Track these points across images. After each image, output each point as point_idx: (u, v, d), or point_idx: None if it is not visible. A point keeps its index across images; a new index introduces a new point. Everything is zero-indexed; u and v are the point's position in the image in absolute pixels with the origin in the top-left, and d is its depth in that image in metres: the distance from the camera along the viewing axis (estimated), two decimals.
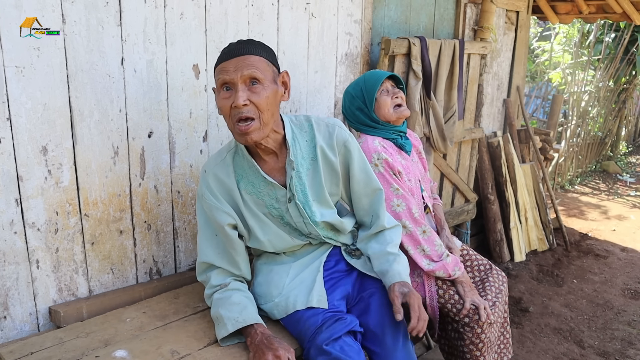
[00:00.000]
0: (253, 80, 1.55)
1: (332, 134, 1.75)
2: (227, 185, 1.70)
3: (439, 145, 3.10)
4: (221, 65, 1.57)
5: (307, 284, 1.73)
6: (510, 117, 4.10)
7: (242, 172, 1.71)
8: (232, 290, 1.69)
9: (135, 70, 1.87)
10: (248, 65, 1.53)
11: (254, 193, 1.71)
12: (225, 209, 1.70)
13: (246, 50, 1.56)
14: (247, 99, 1.53)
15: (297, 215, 1.73)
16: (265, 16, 2.24)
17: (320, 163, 1.74)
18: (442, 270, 2.04)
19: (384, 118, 2.12)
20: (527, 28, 4.13)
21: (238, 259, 1.73)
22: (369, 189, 1.84)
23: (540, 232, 4.12)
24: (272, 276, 1.78)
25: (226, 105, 1.56)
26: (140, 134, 1.94)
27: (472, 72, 3.42)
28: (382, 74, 2.16)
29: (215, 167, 1.72)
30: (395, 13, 3.05)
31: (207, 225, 1.74)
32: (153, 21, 1.89)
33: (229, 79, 1.54)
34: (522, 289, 3.44)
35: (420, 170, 2.24)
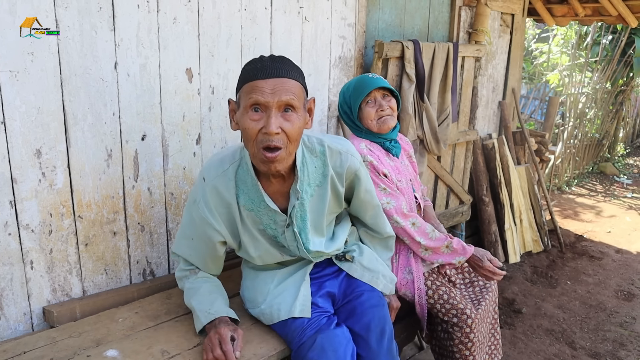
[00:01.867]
0: (287, 107, 1.45)
1: (344, 164, 1.69)
2: (225, 199, 1.62)
3: (432, 147, 3.13)
4: (254, 84, 1.42)
5: (292, 292, 1.71)
6: (505, 119, 4.12)
7: (244, 187, 1.63)
8: (201, 279, 1.73)
9: (128, 74, 1.90)
10: (286, 90, 1.42)
11: (252, 210, 1.65)
12: (217, 227, 1.64)
13: (285, 72, 1.44)
14: (279, 127, 1.42)
15: (292, 240, 1.70)
16: (258, 20, 2.27)
17: (328, 191, 1.69)
18: (440, 259, 2.08)
19: (367, 127, 2.14)
20: (522, 30, 4.15)
21: (212, 265, 1.77)
22: (369, 207, 1.87)
23: (535, 234, 4.14)
24: (257, 282, 1.78)
25: (254, 129, 1.44)
26: (134, 137, 1.97)
27: (467, 75, 3.44)
28: (370, 84, 2.10)
29: (215, 179, 1.62)
30: (389, 16, 3.07)
31: (191, 227, 1.70)
32: (146, 26, 1.91)
33: (263, 101, 1.41)
34: (515, 290, 3.46)
35: (410, 173, 2.26)
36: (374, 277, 1.84)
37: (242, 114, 1.47)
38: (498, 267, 2.12)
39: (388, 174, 2.08)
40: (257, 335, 1.70)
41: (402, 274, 2.12)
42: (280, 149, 1.45)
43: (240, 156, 1.64)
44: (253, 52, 2.27)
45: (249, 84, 1.44)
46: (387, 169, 2.09)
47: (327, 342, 1.54)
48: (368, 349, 1.65)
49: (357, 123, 2.16)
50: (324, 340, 1.54)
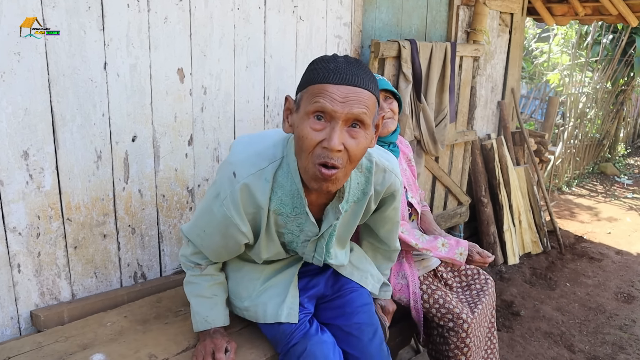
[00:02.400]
0: (356, 122, 1.25)
1: (386, 183, 1.54)
2: (257, 203, 1.42)
3: (429, 148, 3.09)
4: (324, 87, 1.22)
5: (279, 291, 1.63)
6: (504, 120, 4.09)
7: (280, 192, 1.43)
8: (204, 276, 1.62)
9: (118, 75, 1.87)
10: (360, 102, 1.22)
11: (281, 214, 1.47)
12: (244, 228, 1.46)
13: (361, 81, 1.23)
14: (342, 144, 1.23)
15: (311, 250, 1.59)
16: (251, 19, 2.24)
17: (363, 208, 1.56)
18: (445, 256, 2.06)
19: None
20: (521, 30, 4.12)
21: (227, 258, 1.66)
22: (389, 223, 1.75)
23: (534, 235, 4.11)
24: (242, 275, 1.68)
25: (313, 139, 1.24)
26: (124, 138, 1.94)
27: (465, 75, 3.41)
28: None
29: (249, 177, 1.39)
30: (386, 16, 3.04)
31: (208, 220, 1.50)
32: (136, 25, 1.88)
33: (330, 110, 1.21)
34: (514, 292, 3.43)
35: (408, 177, 2.23)
36: (363, 276, 1.79)
37: (301, 118, 1.27)
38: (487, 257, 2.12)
39: None
40: (247, 340, 1.67)
41: (395, 279, 2.09)
42: (338, 169, 1.26)
43: (282, 154, 1.42)
44: (246, 52, 2.24)
45: (318, 86, 1.23)
46: None
47: (318, 349, 1.51)
48: (361, 349, 1.61)
49: None
50: (315, 348, 1.51)
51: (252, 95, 2.32)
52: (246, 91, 2.29)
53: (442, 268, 2.24)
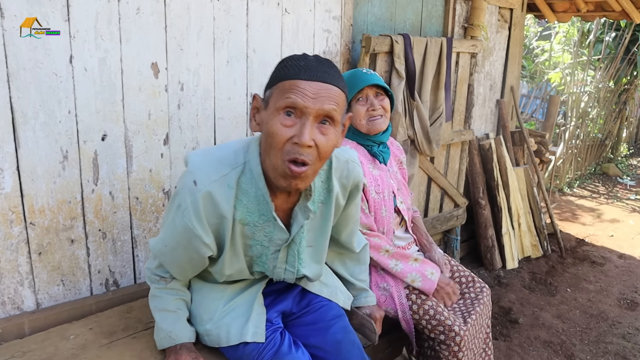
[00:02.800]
0: (326, 119, 1.24)
1: (350, 175, 1.49)
2: (220, 211, 1.33)
3: (424, 148, 2.96)
4: (295, 83, 1.20)
5: (243, 310, 1.51)
6: (503, 119, 3.95)
7: (243, 198, 1.36)
8: (169, 290, 1.52)
9: (85, 69, 1.75)
10: (330, 98, 1.22)
11: (247, 224, 1.39)
12: (207, 240, 1.37)
13: (332, 78, 1.23)
14: (312, 140, 1.22)
15: (283, 261, 1.49)
16: (232, 11, 2.11)
17: (332, 208, 1.48)
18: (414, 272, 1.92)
19: (355, 127, 1.98)
20: (521, 26, 3.98)
21: (190, 274, 1.55)
22: (350, 221, 1.67)
23: (534, 238, 3.97)
24: (203, 296, 1.56)
25: (283, 135, 1.21)
26: (93, 137, 1.81)
27: (462, 72, 3.28)
28: (363, 80, 1.94)
29: (211, 185, 1.31)
30: (379, 9, 2.91)
31: (171, 234, 1.42)
32: (105, 16, 1.76)
33: (302, 105, 1.19)
34: (512, 298, 3.30)
35: (398, 181, 2.10)
36: (332, 292, 1.68)
37: (271, 115, 1.24)
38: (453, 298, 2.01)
39: (366, 186, 1.92)
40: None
41: (377, 291, 1.97)
42: (308, 165, 1.23)
43: (244, 160, 1.36)
44: (227, 46, 2.12)
45: (289, 82, 1.21)
46: (368, 179, 1.94)
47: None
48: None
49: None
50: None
51: (234, 91, 2.19)
52: (227, 87, 2.16)
53: None
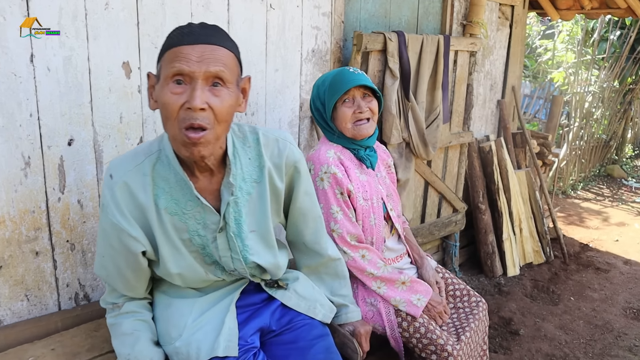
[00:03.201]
0: (216, 81, 1.22)
1: (283, 153, 1.45)
2: (139, 201, 1.33)
3: (420, 151, 2.82)
4: (178, 50, 1.19)
5: (215, 325, 1.41)
6: (504, 120, 3.81)
7: (165, 185, 1.35)
8: (124, 314, 1.43)
9: (49, 69, 1.62)
10: (216, 59, 1.20)
11: (176, 214, 1.36)
12: (134, 233, 1.34)
13: (216, 39, 1.22)
14: (205, 102, 1.19)
15: (225, 248, 1.42)
16: (212, 7, 1.98)
17: (267, 187, 1.43)
18: (397, 296, 1.79)
19: (341, 130, 1.85)
20: (523, 24, 3.84)
21: (137, 284, 1.45)
22: (309, 217, 1.58)
23: (536, 244, 3.83)
24: (171, 312, 1.46)
25: (175, 103, 1.19)
26: (58, 141, 1.69)
27: (460, 71, 3.14)
28: (350, 80, 1.81)
29: (126, 174, 1.32)
30: (372, 6, 2.77)
31: (103, 240, 1.38)
32: (70, 12, 1.63)
33: (188, 71, 1.18)
34: (513, 307, 3.15)
35: (388, 186, 1.97)
36: (310, 306, 1.56)
37: (161, 86, 1.22)
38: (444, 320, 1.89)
39: (353, 192, 1.79)
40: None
41: (364, 307, 1.84)
42: (206, 130, 1.21)
43: (159, 147, 1.36)
44: None
45: (172, 50, 1.20)
46: (355, 185, 1.81)
47: None
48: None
49: (329, 124, 1.87)
50: None
51: None
52: None
53: None
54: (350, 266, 1.79)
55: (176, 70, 1.19)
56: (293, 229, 1.62)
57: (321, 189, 1.76)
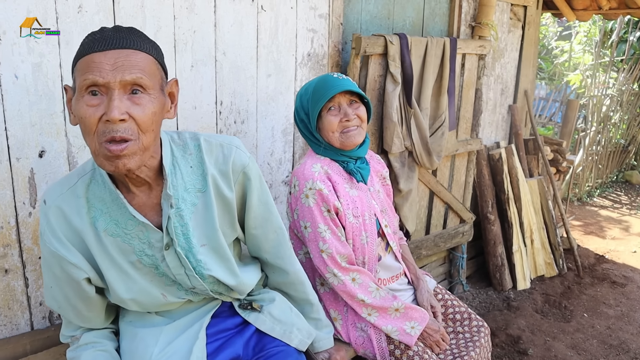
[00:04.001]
0: (135, 88, 1.12)
1: (228, 158, 1.34)
2: (74, 225, 1.25)
3: (423, 160, 2.68)
4: (90, 58, 1.09)
5: (182, 354, 1.30)
6: (516, 126, 3.65)
7: (101, 206, 1.26)
8: (82, 346, 1.34)
9: (16, 77, 1.52)
10: (132, 65, 1.10)
11: (118, 235, 1.27)
12: (73, 259, 1.25)
13: (130, 43, 1.11)
14: (125, 112, 1.09)
15: (177, 266, 1.31)
16: (197, 9, 1.87)
17: (212, 196, 1.32)
18: (389, 325, 1.66)
19: (328, 140, 1.72)
20: (536, 25, 3.67)
21: (90, 314, 1.35)
22: (268, 229, 1.45)
23: (548, 256, 3.66)
24: (136, 343, 1.34)
25: (92, 116, 1.09)
26: (27, 153, 1.59)
27: (468, 75, 2.99)
28: (334, 86, 1.69)
29: (59, 198, 1.24)
30: (374, 7, 2.64)
31: (46, 272, 1.31)
32: (40, 15, 1.53)
33: (102, 82, 1.08)
34: (522, 324, 2.99)
35: (381, 201, 1.83)
36: (286, 330, 1.44)
37: (77, 99, 1.11)
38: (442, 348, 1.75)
39: (341, 210, 1.66)
40: None
41: (354, 332, 1.71)
42: (129, 141, 1.11)
43: (92, 167, 1.28)
44: (191, 49, 1.88)
45: (84, 59, 1.10)
46: (343, 201, 1.68)
47: None
48: None
49: (315, 135, 1.75)
50: None
51: (200, 99, 1.95)
52: (192, 95, 1.92)
53: None
54: (340, 290, 1.66)
55: (89, 81, 1.08)
56: (252, 243, 1.49)
57: (307, 206, 1.63)
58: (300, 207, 1.66)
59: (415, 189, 2.73)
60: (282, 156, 2.30)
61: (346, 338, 1.75)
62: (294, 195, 1.69)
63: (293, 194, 1.70)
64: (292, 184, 1.71)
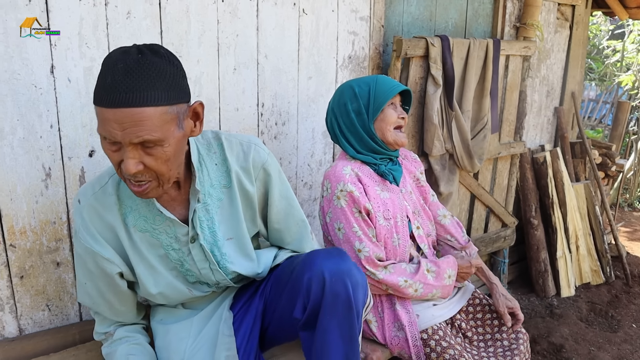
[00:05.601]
0: (147, 144, 1.14)
1: (248, 155, 1.40)
2: (107, 221, 1.33)
3: (464, 163, 2.65)
4: (101, 112, 1.10)
5: (211, 338, 1.38)
6: (562, 128, 3.55)
7: (131, 203, 1.34)
8: (117, 341, 1.42)
9: (69, 80, 1.60)
10: (140, 126, 1.09)
11: (147, 230, 1.35)
12: (107, 254, 1.33)
13: (138, 100, 1.07)
14: (140, 163, 1.14)
15: (202, 259, 1.38)
16: (240, 13, 1.91)
17: (236, 192, 1.39)
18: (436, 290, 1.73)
19: (381, 135, 1.74)
20: (585, 25, 3.56)
21: (123, 309, 1.44)
22: (291, 222, 1.50)
23: (595, 263, 3.54)
24: (170, 338, 1.43)
25: (115, 160, 1.17)
26: (79, 152, 1.67)
27: (512, 77, 2.93)
28: (397, 84, 1.76)
29: (92, 198, 1.33)
30: (416, 8, 2.63)
31: (80, 268, 1.39)
32: (91, 22, 1.60)
33: (114, 140, 1.12)
34: (565, 333, 2.91)
35: (414, 202, 1.83)
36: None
37: (100, 137, 1.17)
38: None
39: (372, 211, 1.67)
40: None
41: (391, 332, 1.71)
42: (149, 182, 1.19)
43: None
44: (234, 52, 1.92)
45: (97, 108, 1.13)
46: (374, 203, 1.69)
47: None
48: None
49: (370, 127, 1.74)
50: None
51: (242, 101, 2.00)
52: (234, 97, 1.97)
53: (460, 315, 1.83)
54: (382, 285, 1.68)
55: (104, 135, 1.14)
56: (275, 237, 1.54)
57: (339, 207, 1.66)
58: (333, 208, 1.68)
59: (456, 192, 2.70)
60: (322, 157, 2.32)
61: (382, 339, 1.76)
62: (327, 197, 1.72)
63: (325, 196, 1.73)
64: (324, 187, 1.73)
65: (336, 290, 1.22)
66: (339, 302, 1.22)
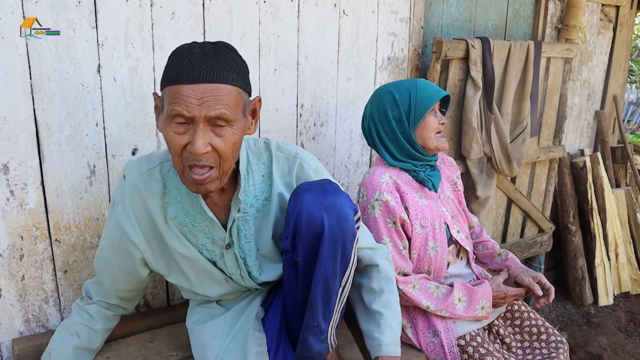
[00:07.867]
0: (219, 122, 1.16)
1: (292, 171, 1.39)
2: (148, 205, 1.33)
3: (503, 167, 2.60)
4: (178, 90, 1.12)
5: (244, 334, 1.39)
6: (602, 133, 3.45)
7: (176, 194, 1.34)
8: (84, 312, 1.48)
9: (115, 79, 1.63)
10: (217, 100, 1.12)
11: (185, 225, 1.36)
12: (134, 238, 1.35)
13: (217, 76, 1.12)
14: (208, 144, 1.15)
15: (234, 266, 1.40)
16: (281, 14, 1.92)
17: (276, 205, 1.39)
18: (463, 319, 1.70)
19: (422, 142, 1.72)
20: (629, 26, 3.45)
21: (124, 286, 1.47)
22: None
23: (635, 272, 3.43)
24: (205, 336, 1.45)
25: (178, 143, 1.16)
26: (122, 151, 1.70)
27: (553, 80, 2.86)
28: (438, 90, 1.72)
29: (138, 177, 1.32)
30: (456, 10, 2.59)
31: (104, 235, 1.43)
32: (137, 22, 1.63)
33: (188, 116, 1.12)
34: (603, 343, 2.83)
35: (451, 207, 1.81)
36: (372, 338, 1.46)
37: (164, 122, 1.18)
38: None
39: (407, 221, 1.65)
40: None
41: (425, 338, 1.69)
42: (212, 168, 1.19)
43: None
44: (275, 53, 1.93)
45: (172, 88, 1.14)
46: (412, 211, 1.67)
47: None
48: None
49: (411, 134, 1.71)
50: None
51: (282, 102, 2.00)
52: (274, 98, 1.98)
53: (498, 322, 1.80)
54: (405, 301, 1.66)
55: (176, 112, 1.13)
56: None
57: (372, 217, 1.64)
58: (367, 217, 1.67)
59: (493, 196, 2.66)
60: (359, 159, 2.31)
61: (417, 344, 1.74)
62: (362, 204, 1.71)
63: (361, 203, 1.72)
64: (360, 194, 1.72)
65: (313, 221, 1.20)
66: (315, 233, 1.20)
